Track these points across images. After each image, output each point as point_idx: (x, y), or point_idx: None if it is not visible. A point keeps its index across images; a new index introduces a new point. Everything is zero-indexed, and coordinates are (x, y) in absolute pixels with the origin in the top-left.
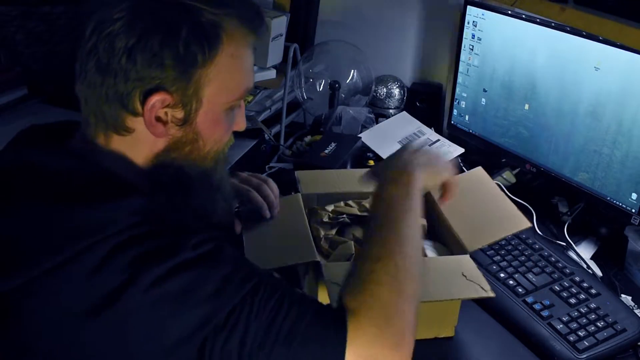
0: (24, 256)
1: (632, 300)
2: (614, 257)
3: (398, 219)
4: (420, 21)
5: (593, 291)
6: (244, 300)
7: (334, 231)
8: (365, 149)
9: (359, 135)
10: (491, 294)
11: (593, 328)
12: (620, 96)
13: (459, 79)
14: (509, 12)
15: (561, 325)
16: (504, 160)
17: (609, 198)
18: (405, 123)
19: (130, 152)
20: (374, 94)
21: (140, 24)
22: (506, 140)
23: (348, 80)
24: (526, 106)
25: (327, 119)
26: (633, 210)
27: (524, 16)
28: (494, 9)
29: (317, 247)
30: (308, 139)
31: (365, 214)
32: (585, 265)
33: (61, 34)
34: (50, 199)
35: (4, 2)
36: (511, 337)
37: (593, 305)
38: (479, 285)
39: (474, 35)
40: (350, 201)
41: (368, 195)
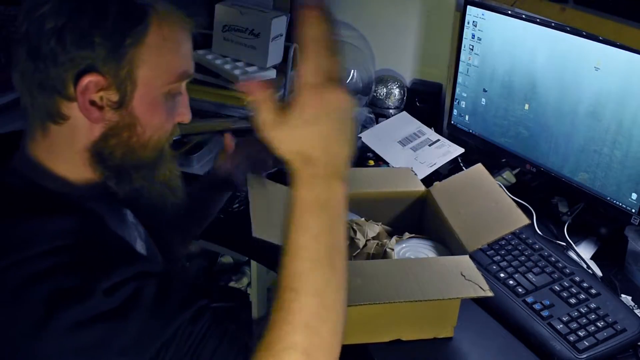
0: None
1: (632, 300)
2: (614, 257)
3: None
4: (420, 21)
5: (593, 291)
6: (159, 349)
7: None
8: (365, 149)
9: (359, 135)
10: (490, 294)
11: (593, 328)
12: (620, 96)
13: (459, 79)
14: (509, 12)
15: (561, 325)
16: (504, 160)
17: (609, 198)
18: (405, 123)
19: (68, 144)
20: (374, 94)
21: (69, 4)
22: (506, 140)
23: (348, 80)
24: (526, 106)
25: None
26: (633, 210)
27: (524, 16)
28: (494, 9)
29: None
30: None
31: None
32: (585, 265)
33: None
34: None
35: (4, 2)
36: (511, 337)
37: (593, 305)
38: (477, 284)
39: (474, 35)
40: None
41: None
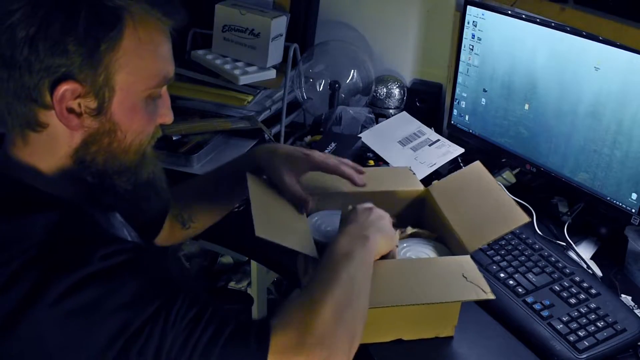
0: None
1: (632, 300)
2: (614, 257)
3: (343, 268)
4: (420, 21)
5: (593, 291)
6: (158, 310)
7: None
8: (365, 149)
9: (359, 135)
10: (491, 296)
11: (593, 328)
12: (620, 96)
13: (459, 79)
14: (509, 12)
15: (561, 325)
16: (504, 160)
17: (609, 198)
18: (405, 123)
19: (49, 151)
20: (374, 94)
21: (40, 12)
22: (506, 140)
23: (348, 80)
24: (526, 106)
25: (327, 119)
26: (633, 210)
27: (524, 16)
28: (494, 9)
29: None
30: (308, 139)
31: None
32: (585, 265)
33: None
34: None
35: None
36: (511, 337)
37: (593, 305)
38: (479, 287)
39: (474, 35)
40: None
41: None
